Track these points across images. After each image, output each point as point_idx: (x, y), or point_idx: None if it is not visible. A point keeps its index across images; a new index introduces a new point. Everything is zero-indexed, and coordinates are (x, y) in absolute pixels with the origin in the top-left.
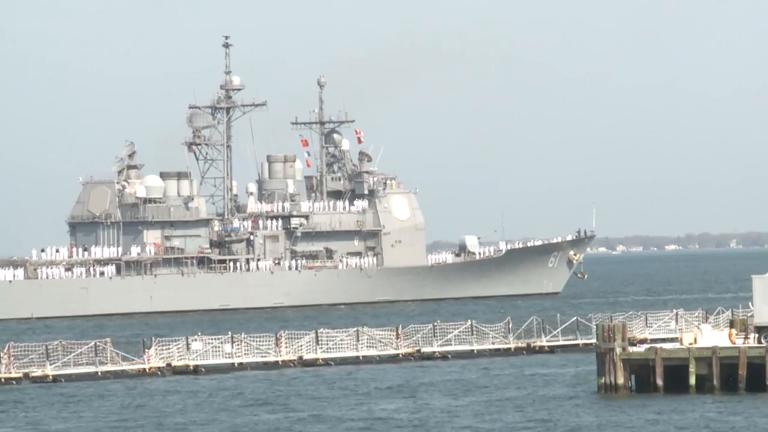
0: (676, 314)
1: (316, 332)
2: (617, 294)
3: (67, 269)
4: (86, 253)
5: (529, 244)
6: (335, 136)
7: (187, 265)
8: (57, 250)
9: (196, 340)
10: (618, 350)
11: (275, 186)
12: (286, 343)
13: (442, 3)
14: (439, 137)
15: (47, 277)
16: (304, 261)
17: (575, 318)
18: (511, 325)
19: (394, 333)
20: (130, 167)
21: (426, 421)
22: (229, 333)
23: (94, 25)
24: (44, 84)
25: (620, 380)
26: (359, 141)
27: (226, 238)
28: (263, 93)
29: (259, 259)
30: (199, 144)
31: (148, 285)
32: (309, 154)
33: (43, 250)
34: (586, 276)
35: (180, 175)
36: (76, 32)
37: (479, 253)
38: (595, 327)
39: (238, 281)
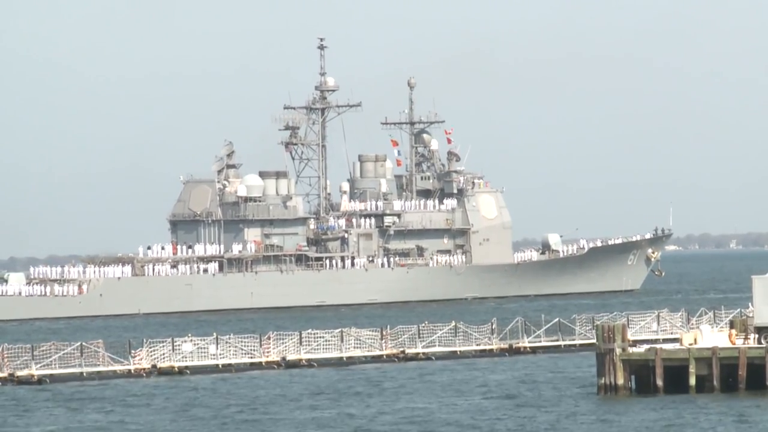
0: (658, 316)
1: (300, 333)
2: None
3: (172, 266)
4: (190, 250)
5: (609, 242)
6: (425, 136)
7: (285, 263)
8: (162, 248)
9: (186, 341)
10: (618, 351)
11: (366, 185)
12: (271, 344)
13: (533, 4)
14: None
15: (153, 274)
16: (396, 258)
17: (557, 319)
18: (494, 326)
19: (379, 334)
20: (229, 166)
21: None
22: (214, 334)
23: (191, 25)
24: (146, 86)
25: (620, 381)
26: (449, 141)
27: (323, 236)
28: (354, 93)
29: (353, 257)
30: (296, 144)
31: (249, 282)
32: (399, 153)
33: (149, 248)
34: (663, 273)
35: (278, 174)
36: (173, 33)
37: (562, 251)
38: (577, 329)
39: (334, 278)
